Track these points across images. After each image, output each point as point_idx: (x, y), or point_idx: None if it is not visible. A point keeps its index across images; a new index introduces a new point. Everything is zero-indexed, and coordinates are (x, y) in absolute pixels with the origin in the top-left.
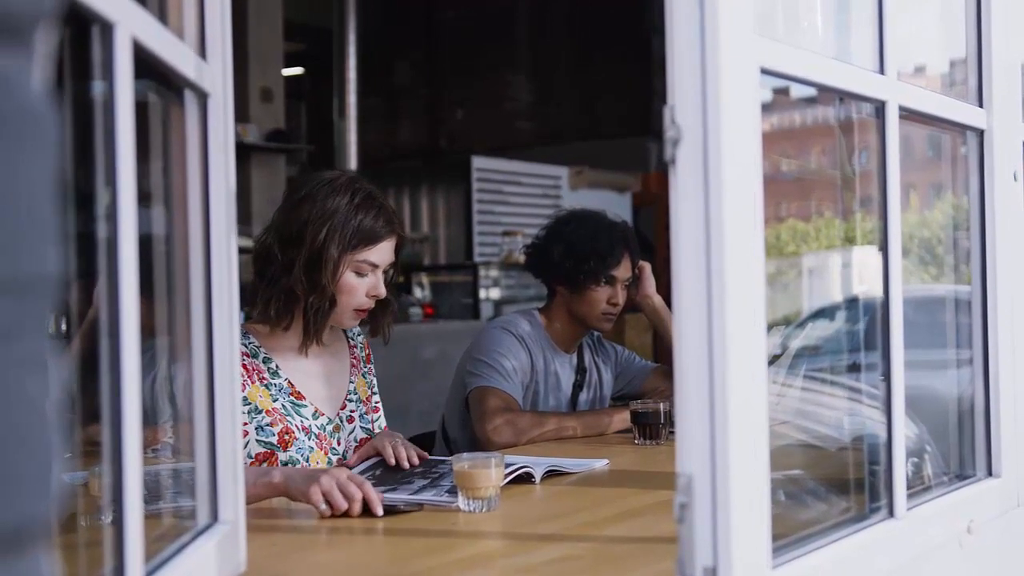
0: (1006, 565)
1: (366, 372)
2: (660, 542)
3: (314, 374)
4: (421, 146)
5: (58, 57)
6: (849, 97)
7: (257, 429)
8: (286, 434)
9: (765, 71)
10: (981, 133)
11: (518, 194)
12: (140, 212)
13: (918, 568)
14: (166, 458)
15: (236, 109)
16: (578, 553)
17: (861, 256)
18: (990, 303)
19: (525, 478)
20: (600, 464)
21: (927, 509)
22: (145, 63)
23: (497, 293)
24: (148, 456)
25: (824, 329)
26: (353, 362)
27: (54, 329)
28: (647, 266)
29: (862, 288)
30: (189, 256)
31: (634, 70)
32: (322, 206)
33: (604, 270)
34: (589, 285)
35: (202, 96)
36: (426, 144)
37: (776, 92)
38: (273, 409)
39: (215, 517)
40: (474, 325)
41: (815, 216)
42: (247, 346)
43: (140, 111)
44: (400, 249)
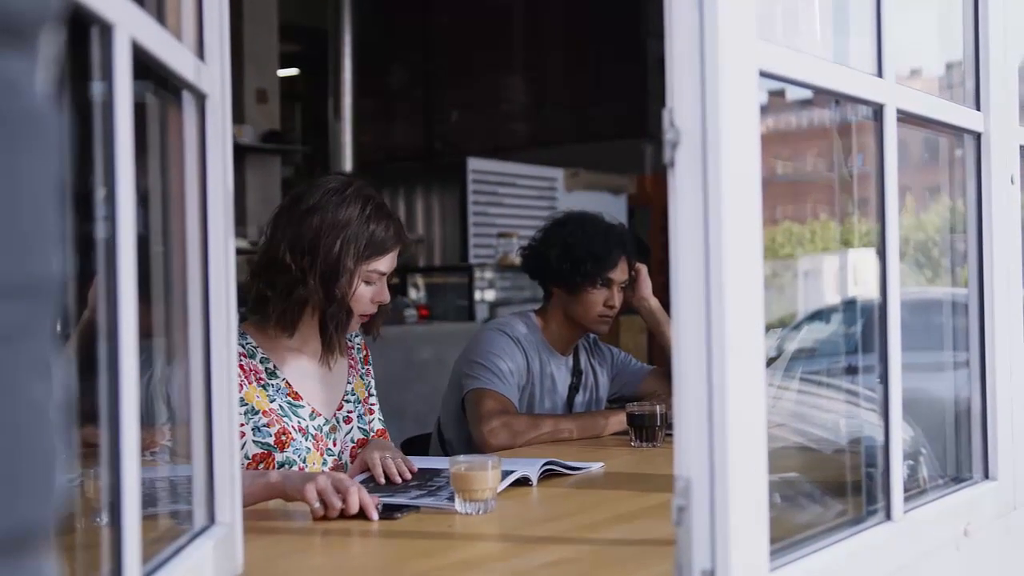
0: (1003, 567)
1: (364, 373)
2: (658, 545)
3: (312, 374)
4: (416, 147)
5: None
6: (847, 100)
7: (254, 430)
8: (283, 435)
9: (764, 74)
10: (978, 136)
11: (513, 196)
12: (138, 213)
13: (915, 571)
14: (163, 462)
15: (231, 110)
16: (575, 556)
17: (856, 259)
18: (987, 306)
19: (523, 480)
20: (596, 467)
21: (924, 512)
22: (143, 64)
23: (492, 295)
24: (145, 459)
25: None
26: (351, 363)
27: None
28: (643, 268)
29: (858, 291)
30: (187, 257)
31: (629, 72)
32: (334, 217)
33: (601, 272)
34: (585, 287)
35: (200, 97)
36: (421, 146)
37: (771, 94)
38: (270, 410)
39: (212, 519)
40: (469, 327)
41: (810, 219)
42: (244, 346)
43: (138, 112)
44: (400, 254)
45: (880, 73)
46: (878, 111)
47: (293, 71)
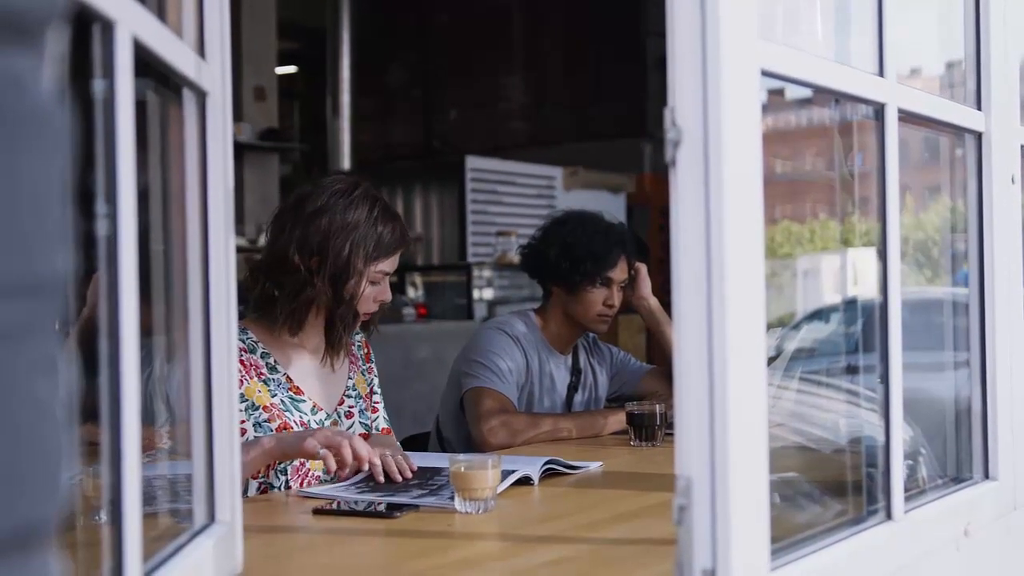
0: (1003, 567)
1: (365, 370)
2: (658, 544)
3: (313, 370)
4: (415, 146)
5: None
6: (848, 99)
7: (255, 426)
8: (284, 430)
9: (766, 73)
10: (979, 136)
11: (512, 194)
12: (138, 210)
13: (916, 571)
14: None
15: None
16: (575, 555)
17: (856, 258)
18: (988, 306)
19: (523, 479)
20: (595, 466)
21: (924, 512)
22: (144, 62)
23: (491, 293)
24: (144, 461)
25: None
26: (351, 359)
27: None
28: (643, 267)
29: (857, 290)
30: (187, 254)
31: (628, 71)
32: (343, 219)
33: (600, 272)
34: (585, 287)
35: (201, 95)
36: (420, 144)
37: (771, 93)
38: (271, 405)
39: (212, 517)
40: (468, 325)
41: (810, 218)
42: (245, 341)
43: (139, 110)
44: (402, 254)
45: (881, 72)
46: (879, 110)
47: (291, 69)
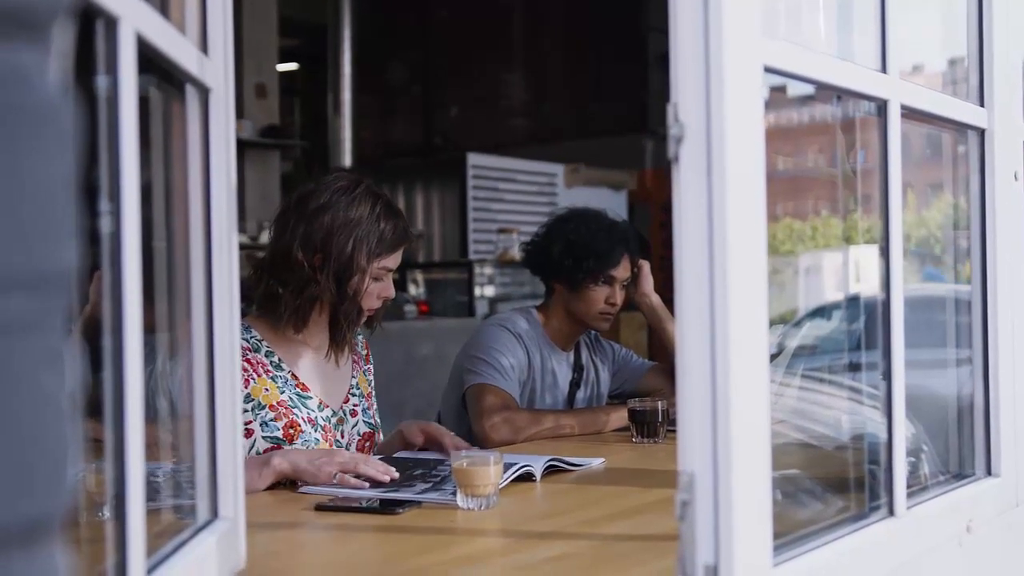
0: (1005, 564)
1: (366, 370)
2: (660, 540)
3: (317, 368)
4: (416, 143)
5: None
6: (851, 96)
7: (261, 425)
8: (291, 427)
9: (768, 69)
10: (982, 132)
11: (513, 191)
12: (141, 207)
13: (918, 567)
14: (163, 475)
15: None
16: (578, 551)
17: (858, 255)
18: (990, 302)
19: (525, 476)
20: (597, 463)
21: (927, 508)
22: (147, 58)
23: (492, 291)
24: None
25: (821, 328)
26: (355, 358)
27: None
28: (646, 265)
29: (859, 287)
30: (190, 250)
31: (630, 68)
32: (345, 216)
33: (603, 270)
34: (587, 284)
35: (204, 91)
36: (421, 141)
37: (773, 90)
38: (279, 403)
39: (215, 513)
40: (469, 323)
41: (812, 215)
42: (249, 340)
43: (142, 106)
44: (404, 251)
45: (884, 69)
46: (882, 107)
47: (293, 66)
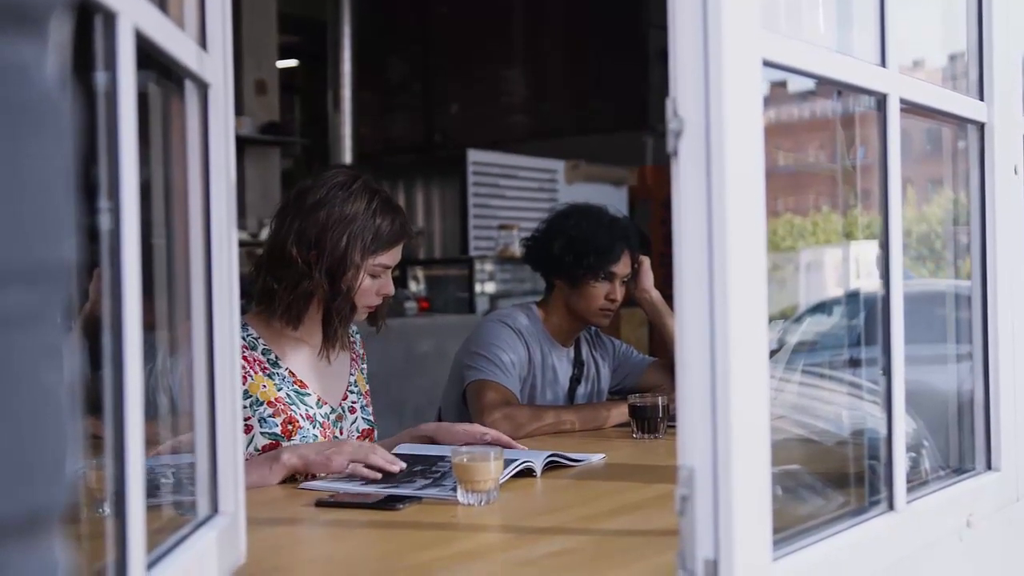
0: (1006, 558)
1: (363, 369)
2: (660, 535)
3: (315, 365)
4: (416, 140)
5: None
6: (850, 90)
7: (260, 421)
8: (290, 424)
9: (767, 63)
10: (982, 126)
11: (514, 188)
12: (140, 203)
13: (918, 561)
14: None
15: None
16: (578, 546)
17: (858, 251)
18: (990, 297)
19: (525, 472)
20: (597, 458)
21: (927, 503)
22: (146, 53)
23: (493, 287)
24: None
25: (821, 324)
26: (353, 356)
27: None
28: (646, 260)
29: (860, 283)
30: (189, 247)
31: (630, 64)
32: (340, 212)
33: (603, 266)
34: (588, 280)
35: (203, 87)
36: (421, 138)
37: (773, 85)
38: (277, 399)
39: (215, 509)
40: (469, 319)
41: (812, 211)
42: (245, 339)
43: (140, 102)
44: (403, 247)
45: (883, 63)
46: (881, 101)
47: (292, 63)
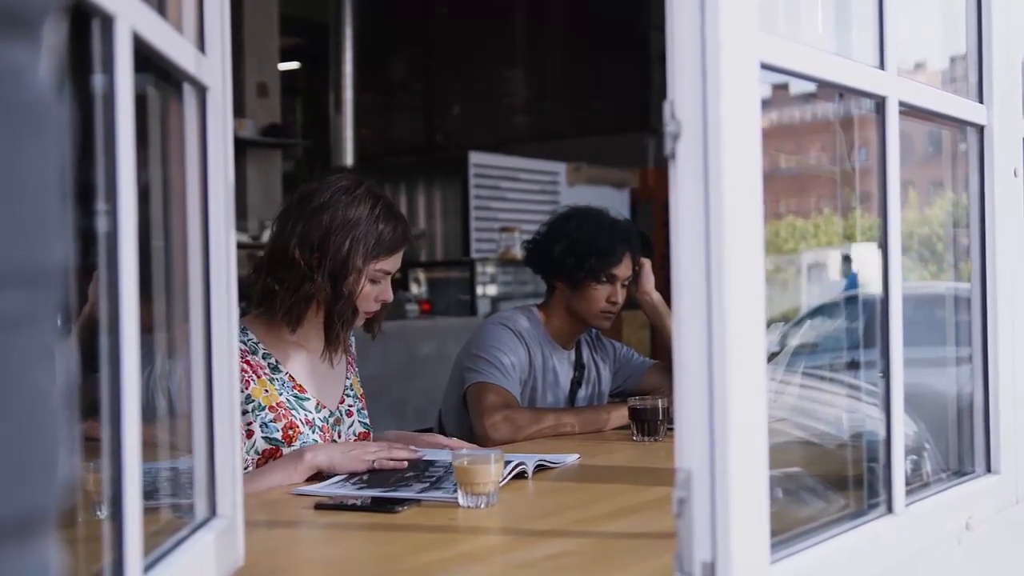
0: (1005, 561)
1: (358, 372)
2: (659, 538)
3: (314, 369)
4: (417, 142)
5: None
6: (849, 93)
7: (261, 426)
8: (290, 429)
9: (765, 66)
10: (981, 129)
11: (515, 190)
12: (138, 206)
13: (917, 564)
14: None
15: (232, 103)
16: (577, 549)
17: (860, 253)
18: (990, 299)
19: (518, 475)
20: (572, 459)
21: (926, 505)
22: (144, 56)
23: (494, 289)
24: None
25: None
26: (349, 359)
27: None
28: (647, 263)
29: (861, 285)
30: (187, 250)
31: (632, 66)
32: (344, 216)
33: (604, 268)
34: (589, 283)
35: (201, 90)
36: (422, 140)
37: (775, 88)
38: (278, 404)
39: (213, 511)
40: (471, 321)
41: (814, 213)
42: (246, 343)
43: (138, 105)
44: (404, 252)
45: (882, 65)
46: (880, 104)
47: (294, 65)
